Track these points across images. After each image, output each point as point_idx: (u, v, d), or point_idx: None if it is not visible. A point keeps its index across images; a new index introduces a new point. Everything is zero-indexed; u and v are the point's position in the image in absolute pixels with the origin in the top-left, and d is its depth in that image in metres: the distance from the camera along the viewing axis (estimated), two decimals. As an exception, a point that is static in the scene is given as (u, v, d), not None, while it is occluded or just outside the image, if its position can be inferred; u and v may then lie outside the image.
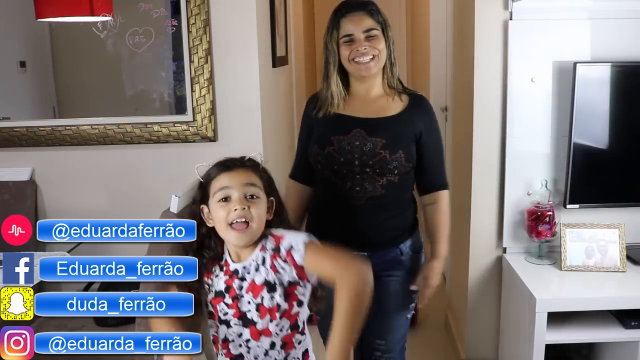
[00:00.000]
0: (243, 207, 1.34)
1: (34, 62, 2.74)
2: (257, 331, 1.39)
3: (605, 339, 2.19)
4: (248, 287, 1.39)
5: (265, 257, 1.39)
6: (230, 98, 2.51)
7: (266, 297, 1.37)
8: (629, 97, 2.31)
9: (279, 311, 1.39)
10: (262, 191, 1.40)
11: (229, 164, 1.41)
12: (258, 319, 1.38)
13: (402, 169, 1.76)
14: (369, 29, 1.74)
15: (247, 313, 1.39)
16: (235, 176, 1.38)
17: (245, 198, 1.36)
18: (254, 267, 1.39)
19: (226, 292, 1.41)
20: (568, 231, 2.30)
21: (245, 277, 1.39)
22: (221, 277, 1.42)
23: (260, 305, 1.38)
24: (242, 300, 1.39)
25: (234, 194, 1.36)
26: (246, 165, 1.42)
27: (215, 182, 1.40)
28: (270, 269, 1.38)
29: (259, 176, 1.41)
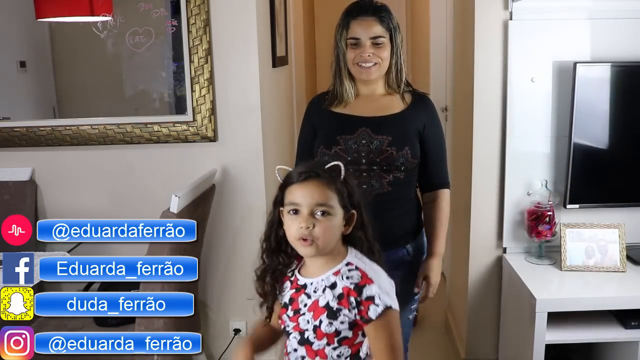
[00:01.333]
0: (308, 225, 1.29)
1: (34, 62, 2.74)
2: (313, 351, 1.34)
3: (605, 339, 2.18)
4: (310, 305, 1.34)
5: (338, 283, 1.32)
6: (230, 98, 2.51)
7: (324, 322, 1.31)
8: (629, 97, 2.31)
9: (338, 337, 1.32)
10: (336, 207, 1.33)
11: (304, 175, 1.33)
12: (314, 340, 1.33)
13: (408, 165, 1.78)
14: (376, 36, 1.75)
15: (305, 332, 1.34)
16: (307, 191, 1.31)
17: (314, 216, 1.30)
18: (322, 287, 1.33)
19: (290, 304, 1.38)
20: (568, 231, 2.30)
21: (311, 295, 1.35)
22: (288, 289, 1.39)
23: (318, 328, 1.32)
24: (302, 317, 1.35)
25: (303, 210, 1.31)
26: (323, 177, 1.33)
27: (289, 192, 1.34)
28: (337, 298, 1.31)
29: (335, 190, 1.33)
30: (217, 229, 2.58)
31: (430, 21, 3.85)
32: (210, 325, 2.68)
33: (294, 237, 1.32)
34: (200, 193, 2.29)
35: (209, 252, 2.58)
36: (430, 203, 1.87)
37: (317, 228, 1.30)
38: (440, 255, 1.85)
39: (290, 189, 1.33)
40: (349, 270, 1.33)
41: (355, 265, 1.34)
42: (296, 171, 1.35)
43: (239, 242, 2.60)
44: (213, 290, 2.65)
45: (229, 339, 2.66)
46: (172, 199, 2.04)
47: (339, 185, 1.34)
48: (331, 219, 1.31)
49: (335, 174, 1.35)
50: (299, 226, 1.30)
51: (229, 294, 2.64)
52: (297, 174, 1.34)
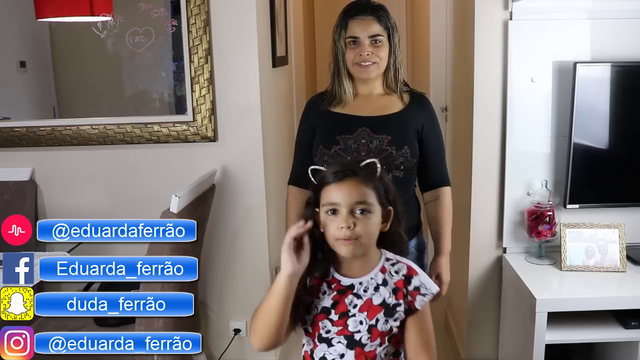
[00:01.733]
0: (349, 225, 1.27)
1: (34, 62, 2.74)
2: (364, 353, 1.30)
3: (605, 339, 2.18)
4: (363, 305, 1.30)
5: (388, 280, 1.32)
6: (230, 98, 2.51)
7: (381, 320, 1.30)
8: (629, 97, 2.31)
9: (389, 335, 1.32)
10: (375, 205, 1.31)
11: (341, 174, 1.30)
12: (367, 341, 1.30)
13: (407, 164, 1.79)
14: (375, 34, 1.76)
15: (355, 334, 1.30)
16: (345, 190, 1.28)
17: (354, 215, 1.28)
18: (373, 286, 1.31)
19: (332, 307, 1.32)
20: (568, 231, 2.30)
21: (362, 295, 1.31)
22: (329, 293, 1.33)
23: (374, 327, 1.30)
24: (352, 319, 1.31)
25: (342, 209, 1.28)
26: (360, 175, 1.31)
27: (325, 192, 1.31)
28: (393, 293, 1.31)
29: (373, 187, 1.31)
30: (217, 229, 2.58)
31: (430, 21, 3.85)
32: (210, 325, 2.68)
33: (334, 237, 1.29)
34: (200, 193, 2.29)
35: (209, 252, 2.58)
36: (433, 202, 1.88)
37: (358, 227, 1.27)
38: (447, 253, 1.87)
39: (326, 189, 1.31)
40: (392, 265, 1.34)
41: (395, 259, 1.35)
42: (331, 171, 1.32)
43: (239, 242, 2.60)
44: (213, 290, 2.65)
45: (229, 339, 2.66)
46: (172, 199, 2.04)
47: (376, 182, 1.33)
48: (371, 217, 1.30)
49: (371, 171, 1.34)
50: (339, 226, 1.27)
51: (229, 294, 2.64)
52: (332, 173, 1.31)
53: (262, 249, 2.59)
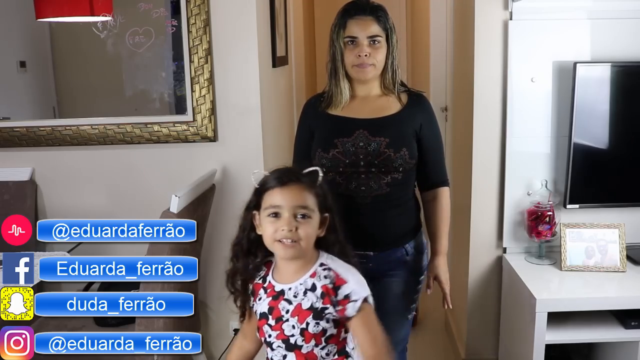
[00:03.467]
0: (290, 228, 1.32)
1: (34, 62, 2.74)
2: (302, 355, 1.36)
3: (605, 339, 2.19)
4: (293, 310, 1.36)
5: (317, 285, 1.36)
6: (230, 98, 2.51)
7: (311, 323, 1.35)
8: (629, 97, 2.31)
9: (324, 336, 1.36)
10: (314, 210, 1.37)
11: (284, 179, 1.36)
12: (302, 343, 1.35)
13: (406, 166, 1.78)
14: (373, 35, 1.75)
15: (290, 337, 1.36)
16: (288, 194, 1.34)
17: (295, 218, 1.34)
18: (302, 291, 1.36)
19: (269, 313, 1.39)
20: (568, 231, 2.30)
21: (292, 300, 1.37)
22: (264, 298, 1.40)
23: (305, 330, 1.35)
24: (286, 324, 1.36)
25: (284, 213, 1.33)
26: (302, 181, 1.37)
27: (268, 196, 1.36)
28: (321, 297, 1.35)
29: (314, 193, 1.37)
30: (217, 229, 2.58)
31: (430, 21, 3.85)
32: (210, 325, 2.68)
33: (272, 239, 1.35)
34: (200, 193, 2.28)
35: (209, 252, 2.58)
36: (430, 202, 1.88)
37: (300, 230, 1.33)
38: (444, 253, 1.86)
39: (269, 192, 1.36)
40: (324, 270, 1.37)
41: (328, 266, 1.38)
42: (274, 176, 1.37)
43: (239, 242, 2.59)
44: (213, 290, 2.65)
45: (229, 339, 2.66)
46: (172, 199, 2.04)
47: (318, 189, 1.39)
48: (310, 222, 1.35)
49: (313, 179, 1.39)
50: (281, 229, 1.33)
51: (229, 294, 2.64)
52: (276, 178, 1.37)
53: (262, 249, 2.59)
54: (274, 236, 1.34)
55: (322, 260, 1.40)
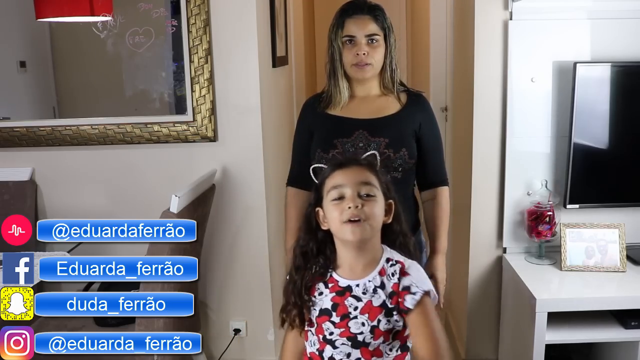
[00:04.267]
0: (356, 204, 1.27)
1: (34, 62, 2.74)
2: (369, 352, 1.31)
3: (605, 339, 2.18)
4: (364, 307, 1.31)
5: (386, 283, 1.31)
6: (230, 98, 2.51)
7: (383, 321, 1.30)
8: (629, 97, 2.31)
9: (392, 332, 1.32)
10: (378, 190, 1.32)
11: (343, 162, 1.34)
12: (371, 340, 1.30)
13: (405, 165, 1.79)
14: (371, 34, 1.75)
15: (358, 335, 1.30)
16: (349, 173, 1.31)
17: (360, 196, 1.29)
18: (372, 288, 1.31)
19: (333, 310, 1.32)
20: (568, 231, 2.30)
21: (361, 297, 1.31)
22: (327, 294, 1.34)
23: (376, 328, 1.30)
24: (353, 321, 1.31)
25: (347, 192, 1.29)
26: (361, 163, 1.35)
27: (329, 180, 1.32)
28: (389, 297, 1.30)
29: (376, 175, 1.34)
30: (217, 229, 2.58)
31: (430, 21, 3.85)
32: (210, 325, 2.68)
33: (340, 221, 1.28)
34: (200, 193, 2.29)
35: (209, 252, 2.58)
36: (430, 201, 1.88)
37: (366, 207, 1.28)
38: (443, 253, 1.86)
39: (331, 177, 1.32)
40: (391, 267, 1.33)
41: (395, 260, 1.34)
42: (332, 163, 1.35)
43: (239, 242, 2.60)
44: (213, 290, 2.65)
45: (229, 339, 2.66)
46: (172, 199, 2.04)
47: (379, 172, 1.36)
48: (376, 201, 1.30)
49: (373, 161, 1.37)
50: (347, 207, 1.27)
51: (229, 294, 2.64)
52: (335, 163, 1.34)
53: (262, 249, 2.59)
54: (340, 219, 1.28)
55: (387, 255, 1.35)
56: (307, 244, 1.37)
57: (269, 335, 2.66)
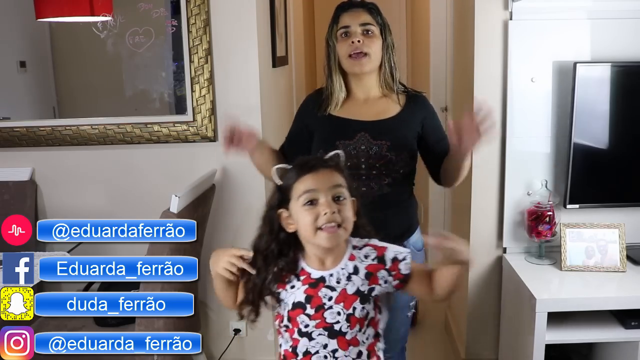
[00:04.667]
0: (333, 210, 1.26)
1: (34, 62, 2.74)
2: (346, 341, 1.32)
3: (605, 339, 2.18)
4: (338, 297, 1.31)
5: (359, 267, 1.32)
6: (230, 98, 2.51)
7: (358, 308, 1.31)
8: (629, 97, 2.31)
9: (366, 319, 1.33)
10: (347, 190, 1.32)
11: (312, 165, 1.31)
12: (347, 330, 1.31)
13: (407, 167, 1.79)
14: (365, 23, 1.76)
15: (334, 325, 1.31)
16: (321, 178, 1.28)
17: (334, 201, 1.28)
18: (345, 276, 1.32)
19: (307, 302, 1.32)
20: (568, 231, 2.30)
21: (335, 287, 1.32)
22: (299, 286, 1.33)
23: (352, 316, 1.31)
24: (329, 311, 1.31)
25: (321, 197, 1.27)
26: (329, 165, 1.33)
27: (299, 184, 1.29)
28: (367, 279, 1.31)
29: (342, 175, 1.33)
30: (217, 229, 2.58)
31: (430, 21, 3.85)
32: (210, 325, 2.68)
33: (313, 228, 1.27)
34: (200, 193, 2.29)
35: (209, 252, 2.56)
36: None
37: (343, 212, 1.27)
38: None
39: (300, 181, 1.30)
40: (360, 250, 1.34)
41: (362, 244, 1.35)
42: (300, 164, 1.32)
43: (239, 242, 2.56)
44: (213, 290, 2.64)
45: (229, 339, 2.66)
46: (172, 199, 2.04)
47: (344, 171, 1.35)
48: (348, 204, 1.30)
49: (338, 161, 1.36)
50: (322, 214, 1.26)
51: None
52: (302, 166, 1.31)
53: (262, 249, 2.59)
54: (315, 225, 1.27)
55: (353, 243, 1.36)
56: (269, 246, 1.35)
57: (269, 336, 2.66)
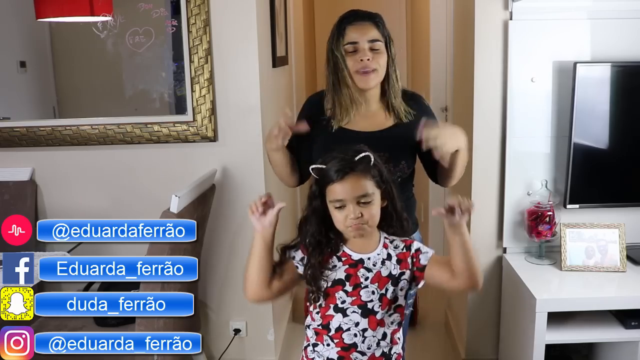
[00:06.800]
0: (357, 215, 1.41)
1: (34, 62, 2.74)
2: (376, 321, 1.44)
3: (605, 339, 2.19)
4: (374, 277, 1.44)
5: (391, 254, 1.47)
6: (230, 98, 2.51)
7: (390, 289, 1.44)
8: (629, 97, 2.31)
9: (394, 304, 1.46)
10: (375, 192, 1.44)
11: (341, 172, 1.42)
12: (379, 309, 1.44)
13: (403, 175, 1.79)
14: (373, 39, 1.74)
15: (368, 303, 1.44)
16: (348, 187, 1.41)
17: (359, 205, 1.41)
18: (380, 260, 1.46)
19: (347, 280, 1.45)
20: (568, 231, 2.30)
21: (371, 269, 1.45)
22: (340, 266, 1.46)
23: (384, 296, 1.44)
24: (364, 290, 1.44)
25: (347, 204, 1.41)
26: (358, 170, 1.43)
27: (330, 191, 1.43)
28: (397, 263, 1.46)
29: (370, 177, 1.44)
30: (217, 229, 2.58)
31: (430, 21, 3.85)
32: (210, 325, 2.68)
33: (343, 225, 1.43)
34: (200, 193, 2.29)
35: (209, 252, 2.58)
36: None
37: (365, 215, 1.42)
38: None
39: (330, 188, 1.43)
40: (391, 242, 1.49)
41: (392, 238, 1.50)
42: (332, 170, 1.43)
43: (239, 242, 2.60)
44: (213, 290, 2.65)
45: (229, 339, 2.66)
46: (172, 199, 2.04)
47: (372, 171, 1.45)
48: (373, 203, 1.44)
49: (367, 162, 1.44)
50: (349, 217, 1.41)
51: (229, 294, 2.64)
52: (335, 172, 1.42)
53: (262, 249, 2.59)
54: (344, 223, 1.43)
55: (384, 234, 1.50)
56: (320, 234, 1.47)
57: (269, 335, 2.66)
